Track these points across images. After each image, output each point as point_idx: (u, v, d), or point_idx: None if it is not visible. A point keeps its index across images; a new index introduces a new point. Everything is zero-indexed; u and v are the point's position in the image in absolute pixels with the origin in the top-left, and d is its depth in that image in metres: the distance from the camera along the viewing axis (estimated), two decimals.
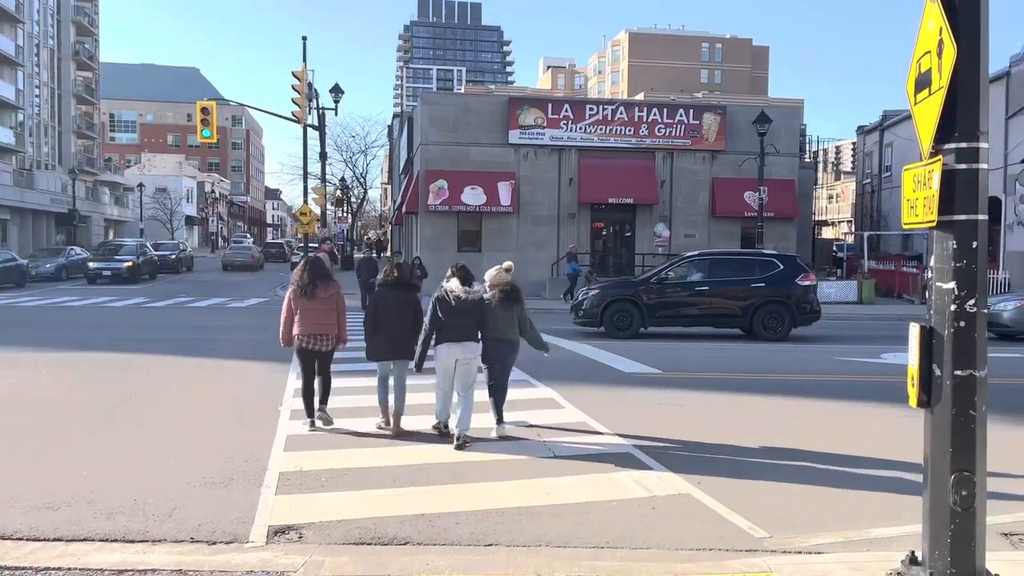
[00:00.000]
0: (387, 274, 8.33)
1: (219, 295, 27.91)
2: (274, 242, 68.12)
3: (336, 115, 33.39)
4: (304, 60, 29.09)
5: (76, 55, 62.46)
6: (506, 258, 10.45)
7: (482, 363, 8.02)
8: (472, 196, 29.21)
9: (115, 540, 5.09)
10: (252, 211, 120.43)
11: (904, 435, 7.51)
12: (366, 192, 67.47)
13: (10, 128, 50.74)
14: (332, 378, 8.43)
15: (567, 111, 30.28)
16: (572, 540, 5.19)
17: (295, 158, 67.14)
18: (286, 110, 29.24)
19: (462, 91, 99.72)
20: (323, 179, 34.33)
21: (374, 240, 62.19)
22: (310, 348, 8.09)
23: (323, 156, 33.89)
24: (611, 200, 30.01)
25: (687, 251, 21.43)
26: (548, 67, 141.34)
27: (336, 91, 32.28)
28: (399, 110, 65.58)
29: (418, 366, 7.91)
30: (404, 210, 34.83)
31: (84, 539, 5.08)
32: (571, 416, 8.82)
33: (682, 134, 30.54)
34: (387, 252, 26.61)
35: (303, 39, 29.70)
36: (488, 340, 7.92)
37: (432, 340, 7.81)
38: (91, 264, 33.53)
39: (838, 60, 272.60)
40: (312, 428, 8.05)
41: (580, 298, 17.73)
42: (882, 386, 10.61)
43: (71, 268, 35.13)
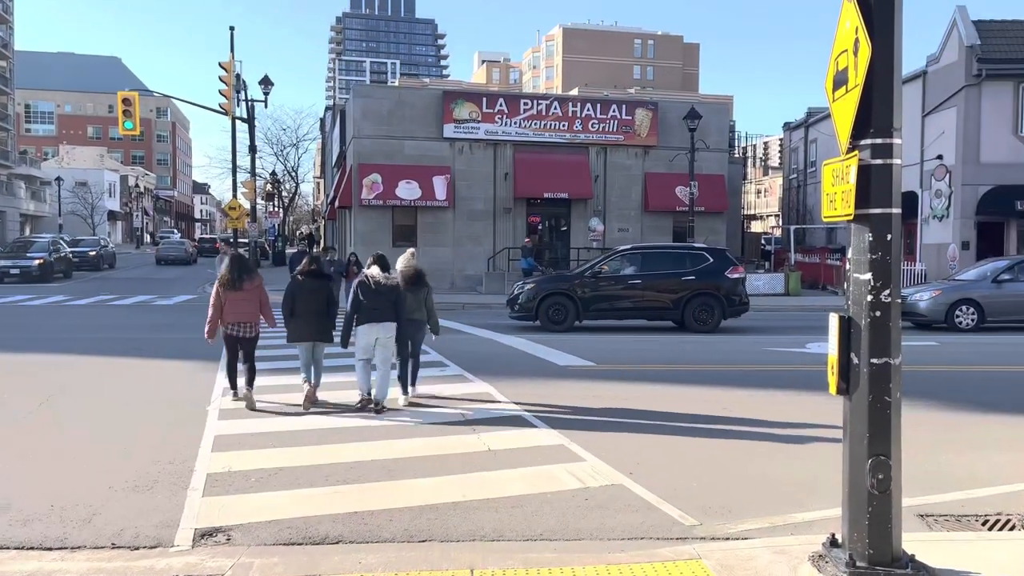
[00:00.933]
0: (304, 266, 9.26)
1: (144, 292, 27.04)
2: (208, 237, 70.81)
3: (266, 107, 32.50)
4: (232, 51, 28.38)
5: None
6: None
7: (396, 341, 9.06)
8: (407, 190, 28.98)
9: (31, 548, 4.88)
10: (180, 206, 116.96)
11: (827, 422, 7.78)
12: (298, 186, 66.35)
13: None
14: (257, 363, 9.25)
15: (502, 105, 30.28)
16: (506, 533, 5.20)
17: (224, 151, 65.41)
18: (214, 102, 28.42)
19: (396, 84, 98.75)
20: (253, 173, 33.54)
21: (307, 235, 61.13)
22: (236, 335, 9.02)
23: (252, 149, 33.12)
24: (546, 195, 30.15)
25: (621, 245, 21.72)
26: (483, 61, 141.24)
27: (266, 83, 31.54)
28: (332, 103, 64.54)
29: (344, 342, 8.89)
30: (337, 204, 34.29)
31: None
32: (507, 410, 8.84)
33: (615, 129, 30.89)
34: (320, 247, 26.19)
35: (231, 29, 29.04)
36: (401, 320, 8.96)
37: (354, 321, 8.82)
38: None
39: (766, 58, 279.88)
40: (235, 398, 9.04)
41: (516, 292, 17.78)
42: (806, 375, 10.95)
43: None
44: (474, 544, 5.01)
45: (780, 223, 50.63)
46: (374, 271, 8.90)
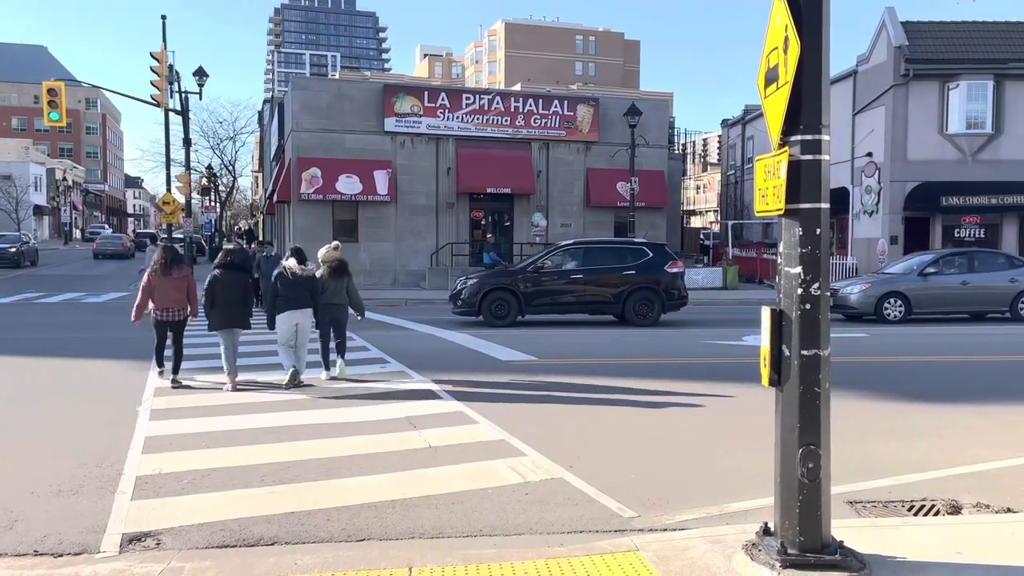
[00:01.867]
0: (221, 259, 9.94)
1: (73, 290, 26.10)
2: (145, 231, 69.80)
3: (201, 99, 31.75)
4: (164, 40, 27.56)
5: None
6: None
7: (315, 326, 10.24)
8: (347, 185, 28.60)
9: None
10: (111, 200, 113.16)
11: (761, 413, 7.94)
12: (235, 180, 64.80)
13: None
14: (184, 349, 10.02)
15: (444, 100, 30.12)
16: (446, 530, 5.17)
17: (158, 144, 63.30)
18: (146, 93, 27.60)
19: (336, 77, 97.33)
20: (188, 166, 32.69)
21: (246, 230, 59.79)
22: (164, 319, 9.80)
23: (187, 142, 32.27)
24: (489, 190, 30.13)
25: (563, 240, 21.84)
26: (425, 55, 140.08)
27: (200, 74, 30.77)
28: (270, 96, 63.18)
29: (270, 325, 9.95)
30: (276, 199, 33.61)
31: None
32: (448, 406, 8.80)
33: (557, 125, 31.03)
34: (259, 241, 25.61)
35: (163, 18, 28.14)
36: (319, 306, 10.10)
37: (274, 307, 9.87)
38: None
39: (705, 55, 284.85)
40: (161, 376, 9.92)
41: (459, 287, 17.72)
42: (744, 367, 11.18)
43: None
44: (413, 542, 4.96)
45: (719, 218, 51.65)
46: (291, 263, 9.97)
